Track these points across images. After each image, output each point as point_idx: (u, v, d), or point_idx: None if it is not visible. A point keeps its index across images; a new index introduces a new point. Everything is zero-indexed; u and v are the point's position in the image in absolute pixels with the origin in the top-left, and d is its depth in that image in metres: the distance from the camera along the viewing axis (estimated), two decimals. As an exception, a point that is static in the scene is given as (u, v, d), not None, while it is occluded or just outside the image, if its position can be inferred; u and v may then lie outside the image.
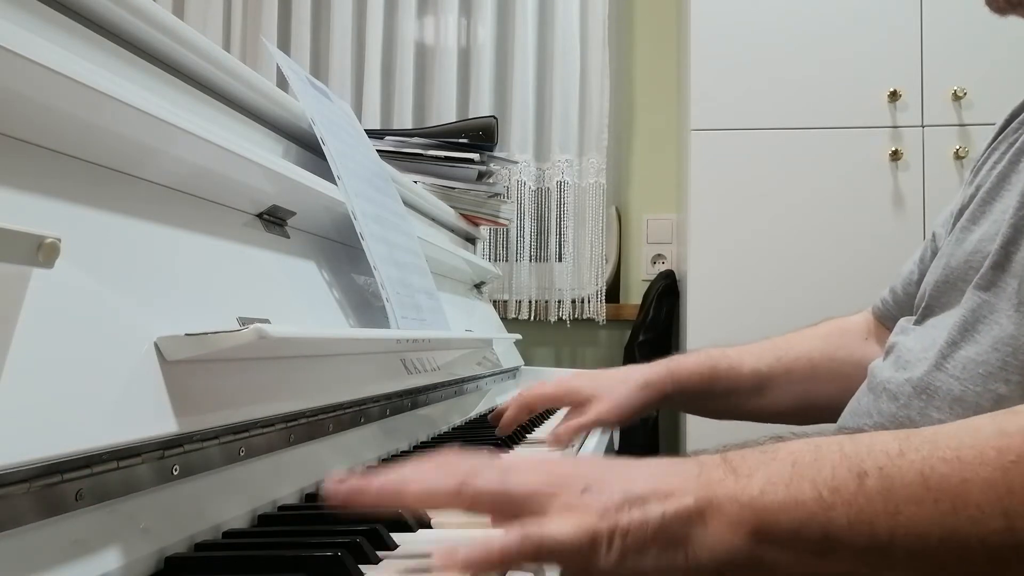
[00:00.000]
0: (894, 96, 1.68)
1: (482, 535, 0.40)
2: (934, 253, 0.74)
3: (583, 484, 0.42)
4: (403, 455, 0.79)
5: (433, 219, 1.37)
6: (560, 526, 0.40)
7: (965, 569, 0.37)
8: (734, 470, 0.41)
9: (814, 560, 0.39)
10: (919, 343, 0.66)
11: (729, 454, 0.43)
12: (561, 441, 0.84)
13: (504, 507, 0.43)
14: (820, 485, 0.39)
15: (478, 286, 1.60)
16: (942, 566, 0.37)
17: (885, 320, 0.85)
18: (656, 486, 0.41)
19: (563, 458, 0.45)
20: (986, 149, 0.72)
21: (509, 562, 0.40)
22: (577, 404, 0.88)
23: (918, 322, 0.70)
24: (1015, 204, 0.58)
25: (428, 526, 0.53)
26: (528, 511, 0.41)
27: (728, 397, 0.89)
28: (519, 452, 0.85)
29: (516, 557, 0.40)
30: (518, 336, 1.48)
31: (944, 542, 0.37)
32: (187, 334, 0.46)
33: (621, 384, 0.88)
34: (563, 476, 0.43)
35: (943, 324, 0.63)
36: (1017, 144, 0.63)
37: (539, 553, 0.40)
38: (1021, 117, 0.68)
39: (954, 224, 0.68)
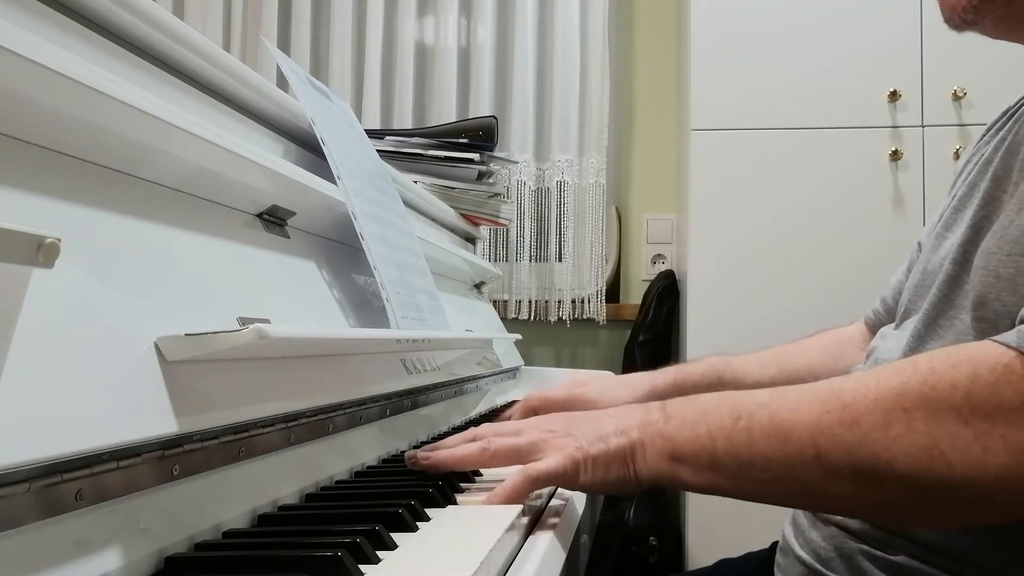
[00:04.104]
0: (894, 96, 1.68)
1: (485, 512, 0.56)
2: None
3: (567, 432, 0.61)
4: (403, 455, 0.79)
5: (433, 219, 1.37)
6: (551, 461, 0.59)
7: (796, 483, 0.52)
8: (665, 413, 0.59)
9: (708, 475, 0.55)
10: (895, 344, 0.68)
11: (667, 402, 0.60)
12: None
13: (516, 457, 0.61)
14: (711, 425, 0.55)
15: (478, 286, 1.60)
16: (783, 479, 0.53)
17: (877, 330, 0.86)
18: (615, 427, 0.59)
19: (554, 417, 0.65)
20: (964, 162, 0.76)
21: (521, 493, 0.58)
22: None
23: (896, 326, 0.73)
24: (975, 207, 0.62)
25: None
26: (532, 456, 0.60)
27: None
28: None
29: (525, 487, 0.58)
30: (518, 336, 1.48)
31: (781, 463, 0.52)
32: (187, 334, 0.46)
33: (627, 396, 0.89)
34: (553, 429, 0.62)
35: (913, 324, 0.66)
36: (986, 155, 0.68)
37: (539, 482, 0.59)
38: (992, 131, 0.72)
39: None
